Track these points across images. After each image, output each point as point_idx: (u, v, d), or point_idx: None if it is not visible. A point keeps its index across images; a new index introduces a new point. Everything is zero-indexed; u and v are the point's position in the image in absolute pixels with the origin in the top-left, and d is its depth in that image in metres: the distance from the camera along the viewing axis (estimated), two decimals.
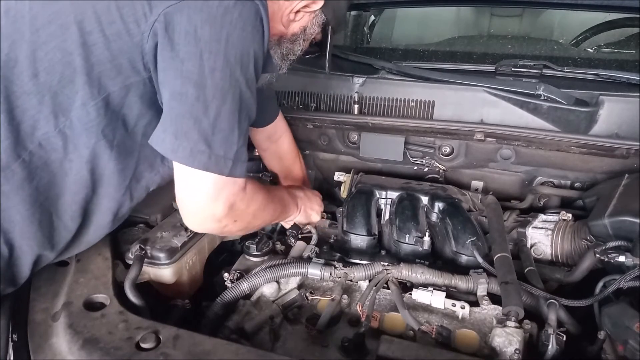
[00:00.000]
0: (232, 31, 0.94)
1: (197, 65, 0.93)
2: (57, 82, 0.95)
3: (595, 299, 1.07)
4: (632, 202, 1.18)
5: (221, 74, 0.94)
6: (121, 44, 0.95)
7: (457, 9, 2.50)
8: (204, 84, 0.93)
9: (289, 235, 1.44)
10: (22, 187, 0.96)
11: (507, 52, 1.90)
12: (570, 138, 1.39)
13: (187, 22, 0.92)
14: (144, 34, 0.94)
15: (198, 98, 0.93)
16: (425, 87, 1.58)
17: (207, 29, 0.92)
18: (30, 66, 0.95)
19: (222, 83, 0.95)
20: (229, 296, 1.16)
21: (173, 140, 0.95)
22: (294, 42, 1.23)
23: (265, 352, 0.95)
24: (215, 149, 0.96)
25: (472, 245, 1.28)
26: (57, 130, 0.97)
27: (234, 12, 0.94)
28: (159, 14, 0.92)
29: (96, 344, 0.93)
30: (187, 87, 0.93)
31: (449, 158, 1.64)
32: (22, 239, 0.99)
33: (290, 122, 1.69)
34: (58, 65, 0.95)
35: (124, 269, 1.20)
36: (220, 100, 0.95)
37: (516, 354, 0.97)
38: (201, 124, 0.94)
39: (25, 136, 0.95)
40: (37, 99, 0.95)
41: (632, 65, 1.65)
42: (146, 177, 1.14)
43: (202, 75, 0.93)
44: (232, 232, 1.19)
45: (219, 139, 0.96)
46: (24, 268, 1.02)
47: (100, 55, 0.95)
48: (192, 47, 0.92)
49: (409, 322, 1.07)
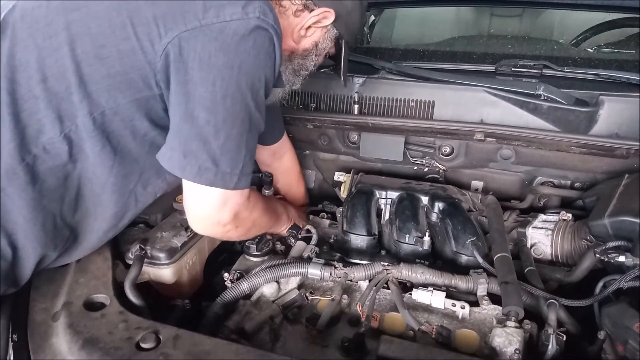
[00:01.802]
0: (246, 59, 0.98)
1: (210, 92, 0.96)
2: (64, 89, 0.97)
3: (595, 299, 1.07)
4: (632, 202, 1.18)
5: (232, 100, 0.98)
6: (134, 60, 0.97)
7: (457, 9, 2.50)
8: (215, 109, 0.97)
9: (289, 235, 1.44)
10: (26, 190, 0.96)
11: (507, 52, 1.90)
12: (570, 138, 1.39)
13: (202, 49, 0.95)
14: (157, 53, 0.96)
15: (209, 122, 0.97)
16: (425, 87, 1.58)
17: (220, 56, 0.95)
18: (39, 71, 0.96)
19: (233, 108, 0.98)
20: (229, 296, 1.16)
21: (181, 159, 0.99)
22: (305, 57, 1.24)
23: (265, 352, 0.95)
24: (222, 167, 1.00)
25: (472, 245, 1.28)
26: (62, 135, 0.98)
27: (248, 41, 0.97)
28: (173, 36, 0.95)
29: (96, 344, 0.93)
30: (198, 112, 0.96)
31: (449, 158, 1.64)
32: (25, 240, 0.99)
33: (290, 122, 1.69)
34: (67, 72, 0.96)
35: (124, 269, 1.20)
36: (230, 125, 0.99)
37: (516, 354, 0.97)
38: (210, 145, 0.98)
39: (30, 140, 0.96)
40: (44, 103, 0.96)
41: (632, 65, 1.65)
42: (153, 184, 1.15)
43: (214, 101, 0.96)
44: (232, 238, 1.23)
45: (226, 159, 1.00)
46: (27, 269, 1.02)
47: (111, 69, 0.97)
48: (205, 74, 0.95)
49: (409, 322, 1.07)
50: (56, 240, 1.04)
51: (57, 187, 1.01)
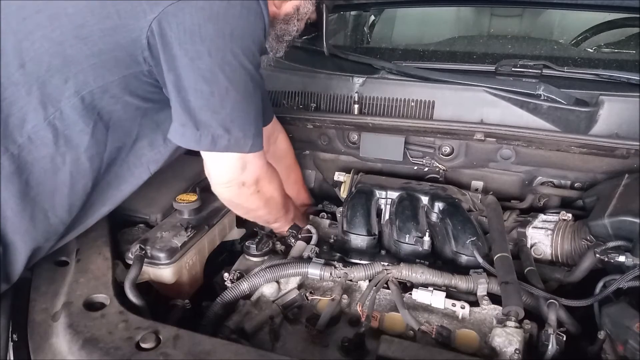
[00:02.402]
0: (236, 24, 0.97)
1: (207, 63, 0.96)
2: (44, 71, 0.95)
3: (595, 299, 1.07)
4: (632, 202, 1.18)
5: (230, 67, 0.98)
6: (118, 38, 0.96)
7: (457, 9, 2.49)
8: (216, 79, 0.97)
9: (289, 235, 1.44)
10: (12, 181, 0.95)
11: (507, 52, 1.90)
12: (570, 138, 1.39)
13: (190, 21, 0.93)
14: (143, 29, 0.95)
15: (213, 93, 0.98)
16: (425, 87, 1.58)
17: (210, 26, 0.95)
18: (17, 56, 0.94)
19: (233, 75, 0.99)
20: (229, 296, 1.16)
21: (195, 132, 1.00)
22: (287, 22, 1.23)
23: (265, 352, 0.95)
24: (234, 133, 1.02)
25: (472, 245, 1.28)
26: (46, 122, 0.96)
27: (236, 6, 0.97)
28: (159, 12, 0.93)
29: (96, 344, 0.93)
30: (200, 85, 0.97)
31: (449, 158, 1.63)
32: (14, 235, 0.98)
33: (290, 122, 1.69)
34: (45, 55, 0.95)
35: (124, 269, 1.20)
36: (234, 92, 1.00)
37: (516, 354, 0.97)
38: (219, 114, 1.00)
39: (14, 129, 0.95)
40: (25, 89, 0.94)
41: (632, 65, 1.65)
42: (147, 156, 1.15)
43: (213, 72, 0.97)
44: (253, 204, 1.25)
45: (237, 124, 1.02)
46: (18, 264, 1.01)
47: (94, 47, 0.96)
48: (199, 46, 0.95)
49: (409, 322, 1.07)
50: (48, 232, 1.03)
51: (46, 179, 0.99)
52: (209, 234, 1.39)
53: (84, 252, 1.18)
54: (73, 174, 1.02)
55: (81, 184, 1.04)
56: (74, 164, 1.01)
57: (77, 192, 1.04)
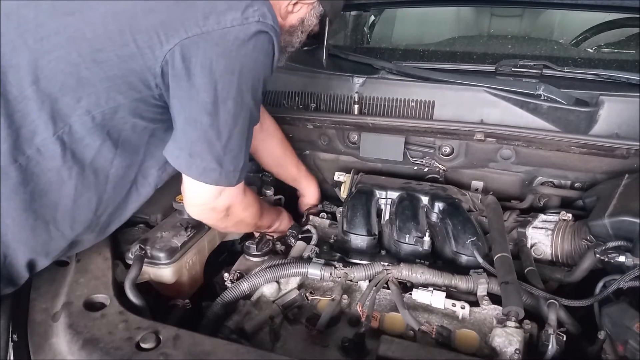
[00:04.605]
0: (246, 62, 1.02)
1: (212, 96, 1.00)
2: (57, 89, 0.97)
3: (595, 299, 1.07)
4: (632, 202, 1.18)
5: (233, 102, 1.02)
6: (133, 65, 0.98)
7: (457, 9, 2.50)
8: (217, 112, 1.01)
9: (289, 235, 1.44)
10: (17, 191, 0.96)
11: (507, 52, 1.90)
12: (570, 138, 1.39)
13: (204, 55, 0.97)
14: (158, 59, 0.98)
15: (212, 125, 1.02)
16: (425, 87, 1.58)
17: (222, 62, 0.99)
18: (31, 72, 0.96)
19: (234, 110, 1.03)
20: (229, 296, 1.16)
21: (188, 159, 1.04)
22: (292, 34, 1.25)
23: (265, 352, 0.95)
24: (225, 166, 1.06)
25: (472, 245, 1.28)
26: (55, 136, 0.98)
27: (248, 46, 1.00)
28: (175, 44, 0.97)
29: (96, 344, 0.93)
30: (201, 116, 1.01)
31: (449, 158, 1.63)
32: (15, 243, 0.99)
33: (290, 122, 1.69)
34: (60, 74, 0.97)
35: (124, 269, 1.20)
36: (231, 126, 1.04)
37: (516, 354, 0.97)
38: (214, 147, 1.04)
39: (24, 141, 0.96)
40: (36, 105, 0.96)
41: (632, 65, 1.65)
42: (154, 175, 1.17)
43: (216, 105, 1.00)
44: (221, 226, 1.29)
45: (229, 158, 1.06)
46: (20, 270, 1.02)
47: (109, 72, 0.98)
48: (207, 79, 0.98)
49: (409, 322, 1.07)
50: (48, 246, 1.04)
51: (50, 191, 1.00)
52: (209, 233, 1.39)
53: (84, 252, 1.18)
54: (78, 187, 1.03)
55: (85, 197, 1.05)
56: (79, 177, 1.02)
57: (80, 206, 1.05)
